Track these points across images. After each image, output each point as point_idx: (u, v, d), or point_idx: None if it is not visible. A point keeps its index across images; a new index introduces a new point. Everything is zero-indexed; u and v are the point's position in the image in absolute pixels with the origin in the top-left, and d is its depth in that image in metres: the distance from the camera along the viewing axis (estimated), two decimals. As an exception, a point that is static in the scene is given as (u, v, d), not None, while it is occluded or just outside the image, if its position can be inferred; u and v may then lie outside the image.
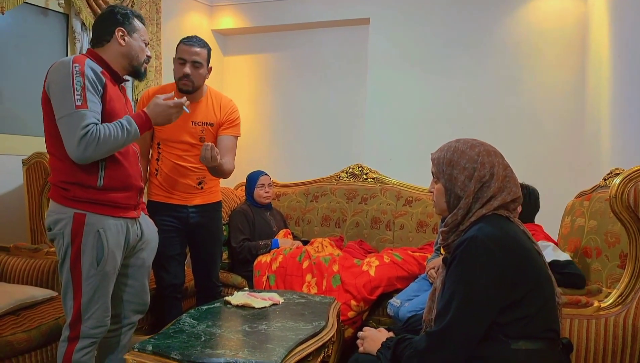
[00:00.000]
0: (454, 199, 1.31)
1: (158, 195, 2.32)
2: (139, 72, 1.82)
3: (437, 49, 3.47)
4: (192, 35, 2.27)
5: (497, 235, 1.21)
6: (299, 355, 1.55)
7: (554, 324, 1.23)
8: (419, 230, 3.23)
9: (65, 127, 1.57)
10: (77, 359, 1.67)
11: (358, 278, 2.58)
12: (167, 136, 2.26)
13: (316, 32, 3.90)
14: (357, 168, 3.59)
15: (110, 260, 1.68)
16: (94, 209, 1.65)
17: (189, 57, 2.19)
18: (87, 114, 1.57)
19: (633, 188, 1.56)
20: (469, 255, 1.20)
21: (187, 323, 1.71)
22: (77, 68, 1.58)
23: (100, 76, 1.65)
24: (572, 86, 3.18)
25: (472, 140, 1.33)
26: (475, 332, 1.19)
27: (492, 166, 1.27)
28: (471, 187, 1.27)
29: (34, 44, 2.98)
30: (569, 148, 3.18)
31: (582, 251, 2.10)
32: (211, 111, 2.31)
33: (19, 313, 2.01)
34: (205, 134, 2.29)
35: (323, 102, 3.90)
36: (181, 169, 2.28)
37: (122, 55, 1.75)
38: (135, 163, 1.80)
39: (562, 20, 3.20)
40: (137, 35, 1.77)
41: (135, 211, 1.79)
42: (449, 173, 1.30)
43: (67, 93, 1.56)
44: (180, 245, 2.37)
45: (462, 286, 1.20)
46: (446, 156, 1.32)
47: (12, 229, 2.74)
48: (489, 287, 1.17)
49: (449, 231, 1.32)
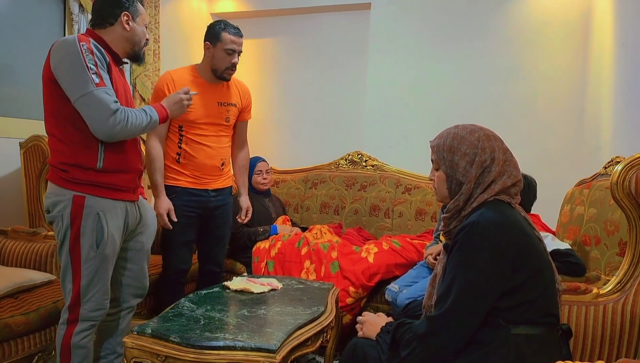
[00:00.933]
0: (455, 186, 1.30)
1: (178, 180, 2.33)
2: (138, 57, 1.82)
3: (438, 36, 3.44)
4: (230, 24, 2.32)
5: (498, 220, 1.20)
6: (298, 339, 1.55)
7: (553, 310, 1.23)
8: (417, 217, 3.23)
9: (88, 106, 1.55)
10: (75, 342, 1.67)
11: (356, 264, 2.58)
12: (195, 118, 2.28)
13: (317, 16, 3.86)
14: (357, 155, 3.58)
15: (110, 243, 1.67)
16: (94, 191, 1.64)
17: (237, 48, 2.28)
18: (108, 91, 1.58)
19: (635, 175, 1.55)
20: (470, 240, 1.20)
21: (186, 307, 1.71)
22: (85, 47, 1.57)
23: (105, 56, 1.65)
24: (573, 73, 3.16)
25: (471, 125, 1.32)
26: (475, 317, 1.19)
27: (493, 150, 1.27)
28: (472, 172, 1.26)
29: (31, 26, 2.94)
30: (570, 136, 3.17)
31: (581, 239, 2.10)
32: (233, 93, 2.41)
33: (18, 296, 2.01)
34: (230, 114, 2.39)
35: (323, 88, 3.87)
36: (207, 150, 2.33)
37: (125, 39, 1.74)
38: (135, 145, 1.79)
39: (565, 7, 3.16)
40: (140, 20, 1.77)
41: (134, 194, 1.79)
42: (449, 160, 1.30)
43: (81, 72, 1.54)
44: (194, 230, 2.40)
45: (463, 271, 1.19)
46: (446, 143, 1.31)
47: (10, 212, 2.73)
48: (490, 272, 1.17)
49: (450, 217, 1.31)
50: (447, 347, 1.21)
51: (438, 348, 1.21)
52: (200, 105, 2.28)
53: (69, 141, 1.62)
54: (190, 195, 2.33)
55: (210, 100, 2.32)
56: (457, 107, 3.37)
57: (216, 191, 2.40)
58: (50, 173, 1.68)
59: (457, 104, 3.38)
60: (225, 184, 2.45)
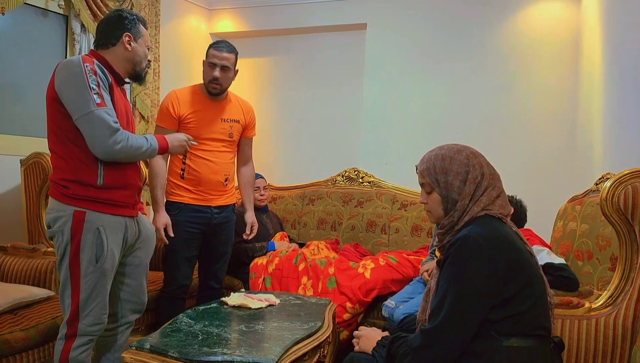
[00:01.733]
0: (451, 205, 1.33)
1: (181, 196, 2.37)
2: (140, 77, 1.86)
3: (433, 55, 3.51)
4: (221, 40, 2.39)
5: (488, 234, 1.24)
6: (295, 354, 1.56)
7: (545, 323, 1.26)
8: (414, 233, 3.26)
9: (89, 125, 1.60)
10: (74, 357, 1.67)
11: (353, 280, 2.60)
12: (198, 133, 2.33)
13: (314, 36, 3.94)
14: (353, 171, 3.62)
15: (109, 258, 1.70)
16: (94, 207, 1.67)
17: (219, 62, 2.31)
18: (109, 112, 1.63)
19: (623, 191, 1.59)
20: (461, 253, 1.23)
21: (184, 323, 1.72)
22: (88, 68, 1.62)
23: (108, 76, 1.69)
24: (564, 91, 3.23)
25: (454, 145, 1.36)
26: (467, 329, 1.21)
27: (481, 166, 1.31)
28: (467, 189, 1.30)
29: (34, 45, 2.99)
30: (561, 153, 3.22)
31: (574, 254, 2.13)
32: (236, 109, 2.46)
33: (17, 312, 2.02)
34: (233, 130, 2.43)
35: (320, 106, 3.93)
36: (212, 166, 2.37)
37: (126, 59, 1.78)
38: (135, 162, 1.82)
39: (556, 27, 3.25)
40: (142, 41, 1.81)
41: (133, 209, 1.81)
42: (444, 181, 1.32)
43: (84, 92, 1.59)
44: (197, 247, 2.42)
45: (455, 284, 1.22)
46: (436, 165, 1.33)
47: (10, 229, 2.75)
48: (481, 284, 1.20)
49: (444, 232, 1.34)
50: (441, 359, 1.23)
51: (432, 360, 1.23)
52: (204, 121, 2.34)
53: (69, 158, 1.66)
54: (193, 211, 2.36)
55: (214, 116, 2.37)
56: (452, 124, 3.43)
57: (219, 208, 2.42)
58: (51, 189, 1.71)
59: (451, 121, 3.44)
60: (228, 202, 2.47)
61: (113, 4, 3.17)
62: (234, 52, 2.37)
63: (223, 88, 2.35)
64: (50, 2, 2.99)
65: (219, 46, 2.34)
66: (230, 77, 2.36)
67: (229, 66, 2.32)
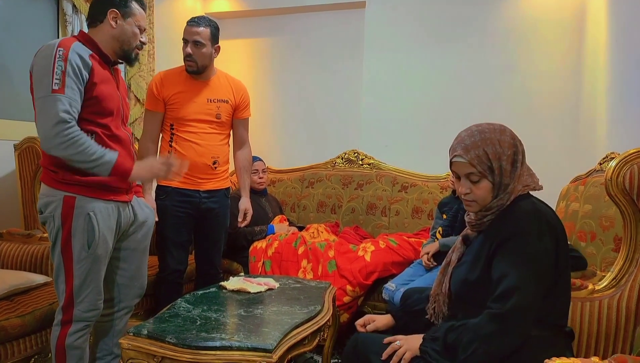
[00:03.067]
0: (502, 190, 1.24)
1: (170, 180, 2.31)
2: (129, 57, 1.78)
3: (433, 34, 3.44)
4: (198, 16, 2.29)
5: (551, 212, 1.20)
6: (295, 338, 1.54)
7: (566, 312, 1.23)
8: (414, 216, 3.23)
9: (38, 109, 1.55)
10: (69, 343, 1.67)
11: (353, 263, 2.58)
12: (183, 115, 2.27)
13: (312, 15, 3.85)
14: (353, 153, 3.58)
15: (101, 243, 1.67)
16: (84, 192, 1.64)
17: (190, 37, 2.23)
18: (62, 99, 1.53)
19: (629, 170, 1.56)
20: (532, 230, 1.15)
21: (182, 308, 1.70)
22: (60, 52, 1.55)
23: (86, 61, 1.61)
24: (568, 70, 3.16)
25: (489, 125, 1.27)
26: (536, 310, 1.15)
27: (520, 142, 1.27)
28: (517, 172, 1.23)
29: (25, 27, 2.93)
30: (565, 132, 3.18)
31: (577, 235, 2.11)
32: (225, 89, 2.36)
33: (13, 298, 2.00)
34: (220, 111, 2.33)
35: (318, 87, 3.86)
36: (197, 148, 2.30)
37: (112, 37, 1.71)
38: (128, 146, 1.77)
39: (559, 4, 3.17)
40: (132, 20, 1.73)
41: (127, 194, 1.78)
42: (498, 167, 1.22)
43: (46, 76, 1.53)
44: (188, 231, 2.38)
45: (526, 261, 1.14)
46: (488, 151, 1.22)
47: (5, 215, 2.72)
48: (552, 264, 1.14)
49: (489, 214, 1.25)
50: (515, 345, 1.15)
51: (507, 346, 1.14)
52: (189, 102, 2.27)
53: None
54: (181, 196, 2.31)
55: (199, 96, 2.28)
56: (452, 105, 3.38)
57: (208, 192, 2.36)
58: (42, 174, 1.69)
59: (452, 102, 3.39)
60: (219, 186, 2.40)
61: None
62: (209, 25, 2.24)
63: (199, 66, 2.24)
64: (41, -18, 2.91)
65: (191, 21, 2.25)
66: (206, 53, 2.23)
67: (201, 41, 2.21)
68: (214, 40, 2.27)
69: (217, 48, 2.29)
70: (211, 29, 2.26)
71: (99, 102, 1.64)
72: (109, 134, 1.69)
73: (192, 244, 2.47)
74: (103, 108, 1.66)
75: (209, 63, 2.28)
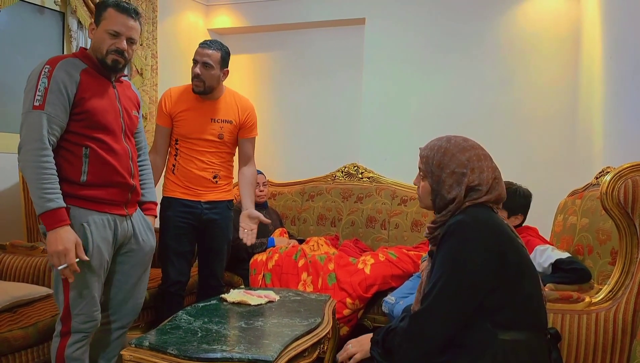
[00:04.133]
0: (439, 200, 1.31)
1: (173, 191, 2.38)
2: (105, 65, 1.70)
3: (432, 49, 3.50)
4: (211, 39, 2.35)
5: (483, 218, 1.22)
6: (295, 350, 1.56)
7: (541, 314, 1.24)
8: (413, 229, 3.25)
9: (21, 124, 1.62)
10: (69, 354, 1.69)
11: (353, 276, 2.60)
12: (187, 133, 2.33)
13: (312, 31, 3.92)
14: (353, 167, 3.61)
15: (95, 254, 1.69)
16: (78, 203, 1.68)
17: (200, 58, 2.28)
18: (42, 115, 1.58)
19: (623, 184, 1.58)
20: (456, 238, 1.21)
21: (183, 320, 1.72)
22: (46, 70, 1.61)
23: (74, 77, 1.64)
24: (565, 85, 3.21)
25: (463, 141, 1.31)
26: (458, 311, 1.19)
27: (482, 171, 1.27)
28: (457, 191, 1.27)
29: (31, 42, 2.98)
30: (561, 147, 3.21)
31: (575, 248, 2.13)
32: (230, 109, 2.40)
33: (16, 310, 2.02)
34: (223, 131, 2.37)
35: (319, 101, 3.91)
36: (199, 164, 2.36)
37: (92, 49, 1.72)
38: (125, 161, 1.78)
39: (556, 20, 3.23)
40: (103, 24, 1.67)
41: (125, 208, 1.80)
42: (437, 175, 1.30)
43: (30, 92, 1.61)
44: (190, 242, 2.41)
45: (447, 268, 1.20)
46: (435, 157, 1.31)
47: (9, 227, 2.74)
48: (475, 270, 1.18)
49: (436, 227, 1.32)
50: (431, 342, 1.21)
51: (422, 342, 1.21)
52: (194, 120, 2.32)
53: (55, 155, 1.64)
54: (182, 206, 2.35)
55: (204, 116, 2.33)
56: (451, 119, 3.42)
57: (210, 203, 2.39)
58: None
59: (450, 116, 3.43)
60: (221, 198, 2.43)
61: None
62: (220, 49, 2.30)
63: (206, 86, 2.28)
64: (47, -1, 2.98)
65: (203, 43, 2.31)
66: (214, 75, 2.28)
67: (210, 63, 2.26)
68: (224, 65, 2.33)
69: (225, 72, 2.35)
70: (222, 53, 2.32)
71: (91, 116, 1.67)
72: (107, 148, 1.71)
73: (194, 256, 2.49)
74: (96, 122, 1.68)
75: (216, 85, 2.33)
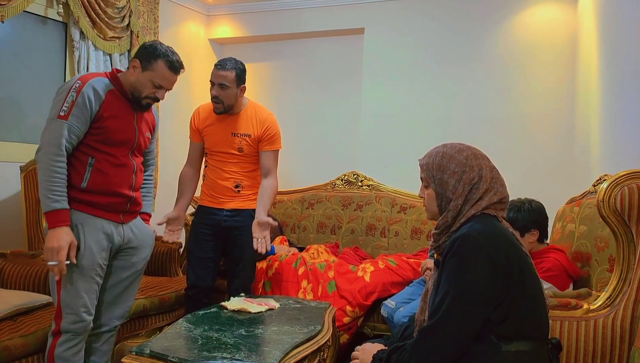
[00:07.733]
0: (445, 203, 1.33)
1: (202, 200, 2.51)
2: (139, 103, 1.88)
3: (430, 59, 3.53)
4: (225, 58, 2.40)
5: (487, 231, 1.24)
6: (295, 357, 1.57)
7: (544, 323, 1.26)
8: (413, 236, 3.26)
9: (45, 128, 1.72)
10: (59, 353, 1.73)
11: (353, 283, 2.60)
12: (211, 146, 2.46)
13: (312, 41, 3.96)
14: (352, 175, 3.63)
15: (87, 255, 1.74)
16: (76, 206, 1.75)
17: (216, 80, 2.35)
18: (63, 125, 1.69)
19: (620, 192, 1.60)
20: (461, 252, 1.22)
21: (184, 327, 1.73)
22: (77, 85, 1.74)
23: (100, 95, 1.77)
24: (562, 94, 3.24)
25: (459, 144, 1.37)
26: (469, 328, 1.20)
27: (480, 168, 1.31)
28: (460, 189, 1.30)
29: (33, 53, 3.01)
30: (559, 155, 3.23)
31: (573, 255, 2.14)
32: (250, 123, 2.45)
33: (16, 318, 2.02)
34: (243, 145, 2.44)
35: (318, 110, 3.94)
36: (222, 173, 2.45)
37: (129, 83, 1.85)
38: (128, 174, 1.86)
39: (553, 30, 3.26)
40: (149, 74, 1.82)
41: (121, 216, 1.86)
42: (439, 178, 1.33)
43: (59, 102, 1.72)
44: (213, 249, 2.45)
45: (456, 283, 1.21)
46: (435, 162, 1.35)
47: (10, 236, 2.76)
48: (482, 284, 1.19)
49: (440, 233, 1.34)
50: (440, 357, 1.22)
51: (431, 358, 1.22)
52: (216, 135, 2.43)
53: None
54: (206, 213, 2.45)
55: (225, 131, 2.42)
56: (449, 128, 3.44)
57: (232, 211, 2.43)
58: None
59: (449, 125, 3.45)
60: (243, 206, 2.45)
61: (112, 11, 3.19)
62: (234, 68, 2.34)
63: (225, 106, 2.36)
64: (49, 10, 3.01)
65: (218, 65, 2.36)
66: (231, 94, 2.34)
67: (226, 83, 2.31)
68: (240, 82, 2.37)
69: (242, 88, 2.40)
70: (237, 71, 2.36)
71: (106, 133, 1.78)
72: (112, 161, 1.81)
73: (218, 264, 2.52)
74: (108, 138, 1.79)
75: (235, 102, 2.39)
